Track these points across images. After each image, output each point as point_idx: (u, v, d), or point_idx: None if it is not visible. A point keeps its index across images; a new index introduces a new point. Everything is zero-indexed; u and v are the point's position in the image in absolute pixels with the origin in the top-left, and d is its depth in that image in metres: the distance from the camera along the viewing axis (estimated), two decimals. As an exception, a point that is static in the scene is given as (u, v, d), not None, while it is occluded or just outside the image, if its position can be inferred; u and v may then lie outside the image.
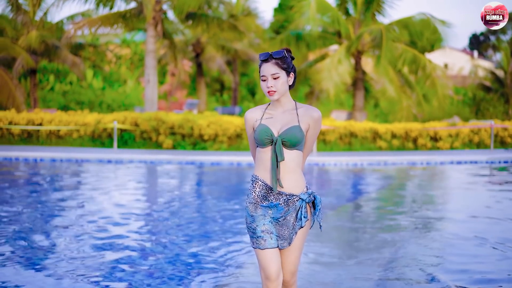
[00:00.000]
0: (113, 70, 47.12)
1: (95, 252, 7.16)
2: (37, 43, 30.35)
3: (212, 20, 27.13)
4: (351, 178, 16.28)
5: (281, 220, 4.06)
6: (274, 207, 4.04)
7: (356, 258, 7.08)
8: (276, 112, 4.11)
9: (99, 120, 23.77)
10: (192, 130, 23.09)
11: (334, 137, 23.54)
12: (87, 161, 19.01)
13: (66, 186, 13.48)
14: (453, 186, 14.88)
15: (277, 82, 4.00)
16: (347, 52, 26.97)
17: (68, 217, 9.43)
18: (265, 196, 4.05)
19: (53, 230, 8.38)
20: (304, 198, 4.05)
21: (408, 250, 7.55)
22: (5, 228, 8.43)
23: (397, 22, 27.48)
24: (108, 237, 8.07)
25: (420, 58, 26.87)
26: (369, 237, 8.40)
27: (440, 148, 23.83)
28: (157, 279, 6.07)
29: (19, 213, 9.67)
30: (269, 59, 4.04)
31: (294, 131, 3.99)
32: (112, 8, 27.34)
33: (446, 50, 58.95)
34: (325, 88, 26.42)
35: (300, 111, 4.08)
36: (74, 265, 6.56)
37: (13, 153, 19.43)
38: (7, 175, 15.81)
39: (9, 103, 27.93)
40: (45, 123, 24.03)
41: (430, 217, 9.97)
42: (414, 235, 8.49)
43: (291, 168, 4.02)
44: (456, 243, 7.92)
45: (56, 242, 7.67)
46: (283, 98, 4.09)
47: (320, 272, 6.46)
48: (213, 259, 6.92)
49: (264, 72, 4.03)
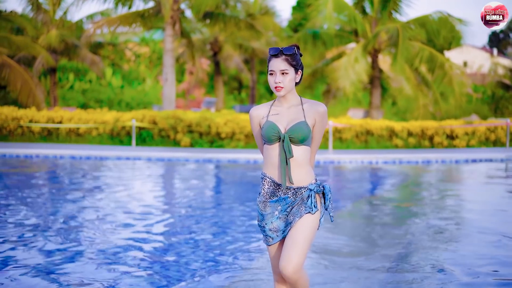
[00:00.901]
0: (132, 69, 47.47)
1: (113, 246, 7.38)
2: (57, 42, 30.75)
3: (229, 19, 27.35)
4: (366, 176, 16.41)
5: (288, 210, 4.06)
6: (282, 201, 4.06)
7: (370, 253, 7.19)
8: (282, 108, 4.11)
9: (118, 118, 24.06)
10: (210, 128, 23.30)
11: (350, 135, 23.66)
12: (106, 158, 19.30)
13: (84, 183, 13.74)
14: (467, 184, 14.95)
15: (285, 78, 4.01)
16: (364, 50, 27.04)
17: (86, 212, 9.66)
18: (274, 192, 4.08)
19: (71, 225, 8.60)
20: (312, 188, 4.05)
21: (422, 245, 7.64)
22: (25, 222, 8.68)
23: (414, 20, 27.50)
24: (125, 231, 8.28)
25: (437, 56, 26.89)
26: (383, 232, 8.54)
27: (457, 146, 23.86)
28: (175, 271, 6.25)
29: (38, 209, 9.93)
30: (279, 55, 4.04)
31: (301, 127, 3.99)
32: (130, 8, 27.65)
33: (466, 48, 58.64)
34: (342, 86, 26.52)
35: (305, 106, 4.08)
36: (93, 257, 6.77)
37: (33, 151, 19.77)
38: (27, 172, 16.11)
39: (29, 101, 28.32)
40: (64, 121, 24.37)
41: (444, 214, 10.07)
42: (428, 231, 8.56)
43: (300, 164, 4.03)
44: (472, 239, 7.99)
45: (74, 236, 7.89)
46: (289, 94, 4.10)
47: (335, 266, 6.58)
48: (228, 253, 7.09)
49: (273, 67, 4.03)
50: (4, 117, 24.46)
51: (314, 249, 7.32)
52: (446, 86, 27.45)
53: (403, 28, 25.79)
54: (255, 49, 37.00)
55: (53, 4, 32.37)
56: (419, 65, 27.29)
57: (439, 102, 28.14)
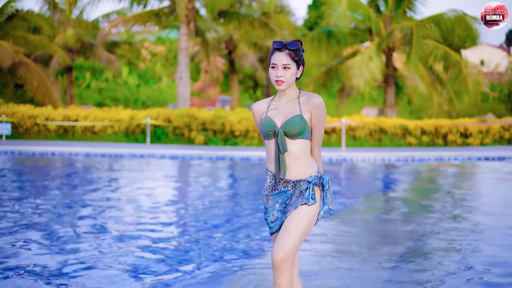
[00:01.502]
0: (148, 68, 47.71)
1: (126, 241, 7.52)
2: (73, 41, 31.06)
3: (244, 18, 27.48)
4: (378, 173, 16.47)
5: (288, 201, 4.09)
6: (283, 193, 4.09)
7: (380, 248, 7.26)
8: (281, 102, 4.12)
9: (133, 116, 24.27)
10: (224, 126, 23.45)
11: (364, 133, 23.72)
12: (120, 156, 19.49)
13: (97, 180, 13.92)
14: (480, 182, 14.98)
15: (286, 72, 4.01)
16: (378, 49, 27.05)
17: (99, 208, 9.82)
18: (275, 185, 4.12)
19: (85, 220, 8.76)
20: (311, 180, 4.04)
21: (433, 242, 7.70)
22: (40, 218, 8.85)
23: (429, 18, 27.49)
24: (138, 227, 8.43)
25: (452, 54, 26.84)
26: (393, 228, 8.62)
27: (471, 144, 23.85)
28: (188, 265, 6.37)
29: (53, 205, 10.10)
30: (282, 49, 4.03)
31: (294, 121, 3.99)
32: (145, 7, 27.89)
33: (482, 47, 58.34)
34: (356, 84, 26.56)
35: (301, 99, 4.08)
36: (106, 252, 6.89)
37: (49, 148, 20.00)
38: (43, 169, 16.33)
39: (46, 99, 28.65)
40: (80, 119, 24.62)
41: (456, 211, 10.10)
42: (439, 227, 8.60)
43: (297, 157, 4.04)
44: (486, 235, 8.00)
45: (88, 230, 8.04)
46: (289, 89, 4.10)
47: (347, 260, 6.66)
48: (239, 247, 7.19)
49: (275, 60, 4.02)
50: (20, 115, 24.76)
51: (325, 242, 7.43)
52: (460, 84, 27.40)
53: (417, 27, 25.78)
54: (269, 48, 37.07)
55: (69, 3, 32.69)
56: (433, 63, 27.27)
57: (453, 101, 28.09)
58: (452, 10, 27.07)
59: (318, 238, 7.71)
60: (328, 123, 22.94)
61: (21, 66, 28.22)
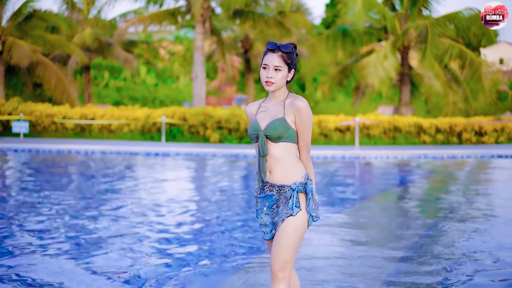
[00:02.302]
0: (166, 67, 47.98)
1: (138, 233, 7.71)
2: (91, 41, 31.39)
3: (259, 17, 27.63)
4: (390, 170, 16.56)
5: (274, 207, 4.07)
6: (269, 197, 4.07)
7: (393, 242, 7.38)
8: (270, 105, 4.10)
9: (149, 115, 24.51)
10: (239, 125, 23.63)
11: (378, 131, 23.78)
12: (135, 153, 19.73)
13: (112, 177, 14.15)
14: (491, 179, 14.98)
15: (277, 74, 3.98)
16: (393, 47, 27.07)
17: (114, 204, 10.02)
18: (262, 188, 4.10)
19: (100, 216, 8.94)
20: (294, 187, 4.00)
21: (445, 237, 7.77)
22: (57, 214, 9.05)
23: (444, 17, 27.48)
24: (149, 221, 8.61)
25: (467, 53, 26.81)
26: (404, 223, 8.73)
27: (485, 142, 23.82)
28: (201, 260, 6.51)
29: (69, 201, 10.32)
30: (276, 50, 4.01)
31: (276, 124, 3.96)
32: (161, 6, 28.13)
33: (502, 45, 57.99)
34: (370, 83, 26.61)
35: (286, 102, 4.04)
36: (123, 247, 7.06)
37: (65, 146, 20.30)
38: (59, 166, 16.59)
39: (63, 98, 29.02)
40: (97, 117, 24.91)
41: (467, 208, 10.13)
42: (451, 223, 8.66)
43: (280, 161, 4.01)
44: (497, 231, 8.05)
45: (103, 226, 8.23)
46: (279, 91, 4.07)
47: (360, 254, 6.77)
48: (249, 245, 7.30)
49: (267, 61, 4.00)
50: (38, 114, 25.10)
51: (339, 237, 7.56)
52: (476, 83, 27.35)
53: (432, 25, 25.78)
54: (286, 47, 37.10)
55: (87, 3, 33.05)
56: (449, 61, 27.25)
57: (469, 99, 28.03)
58: (468, 8, 27.02)
59: (327, 229, 7.87)
60: (342, 122, 23.04)
61: (39, 66, 28.60)
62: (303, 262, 6.30)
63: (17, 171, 15.35)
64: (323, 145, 22.65)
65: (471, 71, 26.96)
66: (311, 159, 4.06)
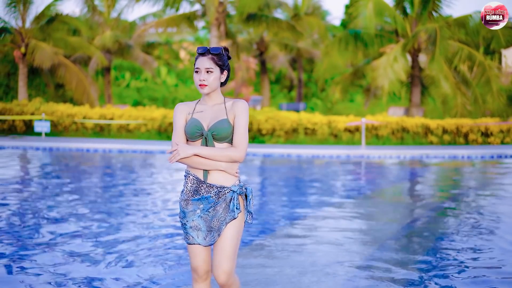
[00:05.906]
0: (187, 67, 48.82)
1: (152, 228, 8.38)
2: (111, 43, 32.36)
3: (272, 21, 28.43)
4: (393, 169, 17.20)
5: (211, 211, 4.08)
6: (205, 200, 4.07)
7: (393, 243, 7.50)
8: (207, 106, 4.17)
9: (165, 115, 25.39)
10: (251, 125, 24.41)
11: (387, 132, 24.42)
12: (150, 152, 20.61)
13: (127, 174, 15.01)
14: (495, 178, 15.28)
15: (209, 76, 4.08)
16: (403, 50, 27.63)
17: (128, 200, 10.80)
18: (196, 190, 4.09)
19: (116, 212, 9.66)
20: (235, 189, 4.07)
21: (448, 236, 7.94)
22: (76, 209, 9.82)
23: (454, 20, 27.99)
24: (160, 217, 9.31)
25: (476, 55, 27.34)
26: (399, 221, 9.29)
27: (491, 143, 24.35)
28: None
29: (89, 198, 11.18)
30: (206, 54, 4.12)
31: (222, 125, 4.05)
32: (178, 10, 29.05)
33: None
34: (380, 85, 27.23)
35: (227, 105, 4.14)
36: (139, 243, 7.59)
37: (84, 145, 21.26)
38: (78, 164, 17.52)
39: (84, 99, 30.03)
40: (116, 117, 25.84)
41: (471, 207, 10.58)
42: (451, 222, 8.99)
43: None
44: (503, 230, 8.15)
45: (118, 221, 8.92)
46: (214, 93, 4.15)
47: (361, 255, 6.94)
48: (254, 243, 7.92)
49: (198, 64, 4.11)
50: (59, 114, 26.09)
51: (340, 238, 7.99)
52: (484, 85, 27.82)
53: (441, 28, 26.31)
54: (300, 49, 37.91)
55: (108, 6, 34.02)
56: (458, 64, 27.76)
57: (478, 101, 28.47)
58: (477, 12, 27.51)
59: (329, 229, 8.43)
60: (350, 122, 23.75)
61: (60, 67, 29.62)
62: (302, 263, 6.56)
63: (37, 168, 16.32)
64: (331, 145, 23.32)
65: (480, 74, 27.46)
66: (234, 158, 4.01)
